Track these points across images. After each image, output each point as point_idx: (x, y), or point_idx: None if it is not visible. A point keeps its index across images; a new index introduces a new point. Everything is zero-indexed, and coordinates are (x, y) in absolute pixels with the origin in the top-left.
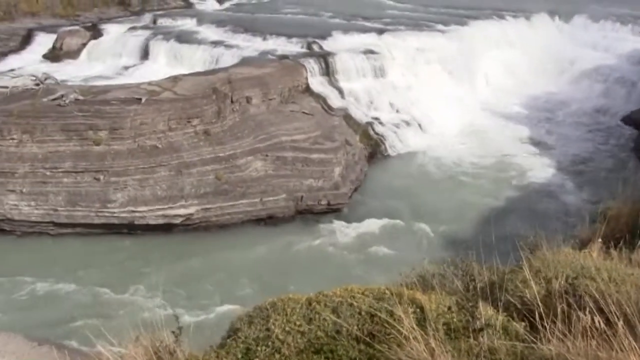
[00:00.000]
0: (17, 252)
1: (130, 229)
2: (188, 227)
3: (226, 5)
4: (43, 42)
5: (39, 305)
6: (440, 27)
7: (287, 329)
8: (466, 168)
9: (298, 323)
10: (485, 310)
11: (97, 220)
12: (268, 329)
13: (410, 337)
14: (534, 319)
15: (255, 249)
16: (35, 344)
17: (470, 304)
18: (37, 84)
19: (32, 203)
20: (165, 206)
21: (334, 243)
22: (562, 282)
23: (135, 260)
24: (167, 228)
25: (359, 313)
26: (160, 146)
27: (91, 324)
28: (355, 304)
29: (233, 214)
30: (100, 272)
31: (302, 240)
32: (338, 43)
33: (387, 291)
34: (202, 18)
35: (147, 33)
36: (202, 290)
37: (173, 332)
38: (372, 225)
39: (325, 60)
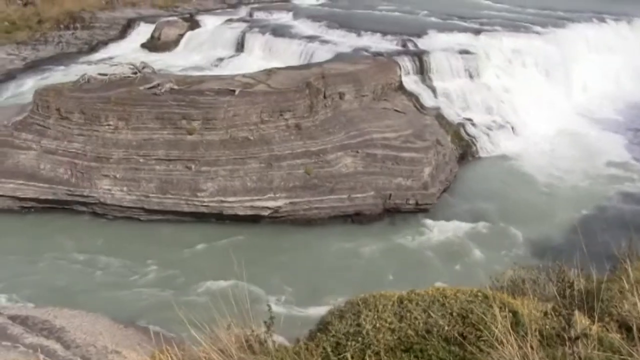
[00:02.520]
0: (108, 235)
1: (218, 218)
2: (275, 219)
3: (322, 0)
4: (142, 31)
5: (127, 288)
6: (537, 28)
7: (377, 325)
8: (558, 173)
9: (389, 320)
10: (580, 319)
11: (186, 209)
12: (359, 325)
13: (504, 341)
14: (631, 330)
15: (342, 245)
16: (122, 326)
17: (566, 311)
18: (135, 73)
19: (125, 188)
20: (254, 198)
21: (421, 243)
22: None
23: (223, 249)
24: (254, 219)
25: (451, 314)
26: (251, 138)
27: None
28: (447, 304)
29: (320, 208)
30: (187, 259)
31: (388, 238)
32: (433, 42)
33: (479, 294)
34: (298, 12)
35: (243, 26)
36: (288, 282)
37: (265, 323)
38: (459, 226)
39: (419, 58)
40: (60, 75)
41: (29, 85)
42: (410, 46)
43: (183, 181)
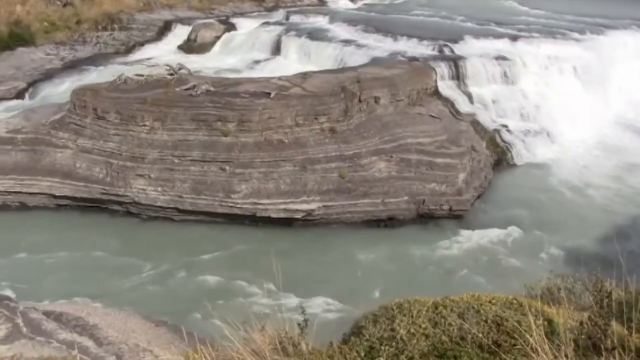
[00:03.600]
0: (141, 235)
1: (251, 220)
2: (308, 222)
3: (359, 4)
4: (179, 33)
5: (159, 287)
6: (575, 35)
7: (412, 330)
8: (594, 181)
9: (423, 326)
10: (617, 330)
11: (220, 210)
12: (393, 329)
13: (538, 350)
14: None
15: (375, 249)
16: (154, 324)
17: (602, 321)
18: (171, 74)
19: (159, 188)
20: (288, 200)
21: (454, 249)
22: None
23: (256, 251)
24: (287, 222)
25: (485, 321)
26: (286, 141)
27: (210, 309)
28: (481, 311)
29: (354, 212)
30: (220, 260)
31: (421, 244)
32: (469, 47)
33: (514, 301)
34: (334, 16)
35: (279, 29)
36: (321, 285)
37: (299, 325)
38: (493, 233)
39: (455, 64)
40: (97, 76)
41: (66, 84)
42: (447, 51)
43: (217, 182)
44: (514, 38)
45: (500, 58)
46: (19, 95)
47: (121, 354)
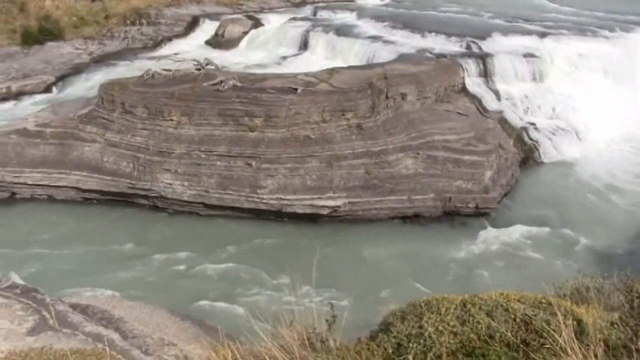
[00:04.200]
0: (167, 229)
1: (277, 215)
2: (334, 218)
3: (387, 0)
4: (206, 28)
5: (185, 281)
6: (605, 32)
7: (440, 328)
8: (623, 180)
9: (451, 323)
10: None
11: (246, 205)
12: (421, 327)
13: (567, 349)
14: None
15: (401, 246)
16: (178, 318)
17: (634, 322)
18: (199, 69)
19: (186, 183)
20: (314, 196)
21: (480, 247)
22: None
23: (282, 246)
24: (313, 218)
25: (514, 319)
26: (313, 137)
27: (237, 304)
28: (510, 309)
29: (380, 209)
30: (247, 255)
31: (447, 241)
32: (497, 44)
33: (543, 300)
34: (361, 12)
35: (306, 24)
36: (348, 282)
37: (327, 321)
38: (520, 231)
39: (483, 61)
40: (125, 70)
41: (94, 79)
42: (474, 48)
43: (243, 178)
44: (543, 35)
45: (529, 55)
46: (48, 89)
47: (146, 347)
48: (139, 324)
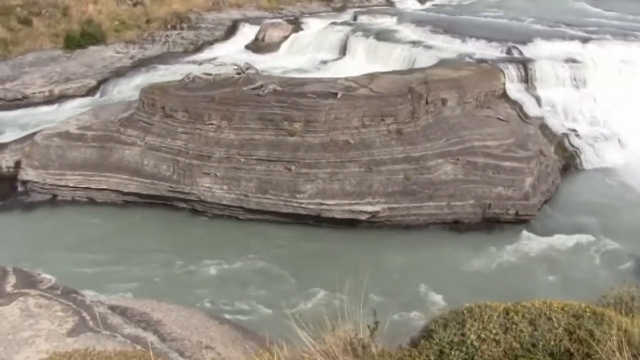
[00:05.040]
0: (206, 232)
1: (316, 220)
2: (373, 224)
3: (427, 5)
4: (246, 33)
5: (223, 285)
6: None
7: (482, 336)
8: None
9: (494, 331)
10: None
11: (284, 209)
12: (463, 334)
13: None
14: None
15: (440, 253)
16: (217, 322)
17: None
18: (239, 73)
19: (225, 187)
20: (353, 201)
21: (521, 254)
22: None
23: (321, 251)
24: (352, 223)
25: (557, 328)
26: (352, 142)
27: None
28: (553, 318)
29: (419, 215)
30: (287, 259)
31: (487, 248)
32: (539, 49)
33: (587, 309)
34: (402, 17)
35: (346, 29)
36: (388, 287)
37: (369, 327)
38: (560, 240)
39: (524, 66)
40: (165, 74)
41: (135, 82)
42: (515, 53)
43: (282, 182)
44: (585, 40)
45: (571, 61)
46: (90, 92)
47: (184, 350)
48: (177, 326)
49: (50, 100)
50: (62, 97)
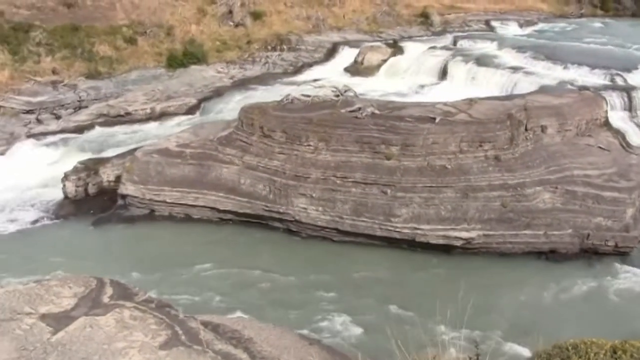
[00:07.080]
0: (300, 253)
1: (409, 244)
2: (467, 250)
3: (528, 30)
4: (346, 55)
5: (316, 305)
6: None
7: None
8: None
9: None
10: None
11: (379, 233)
12: None
13: None
14: None
15: (538, 283)
16: (307, 342)
17: None
18: (337, 95)
19: (320, 208)
20: (448, 227)
21: (621, 288)
22: None
23: (417, 277)
24: (445, 249)
25: None
26: (449, 167)
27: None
28: None
29: (515, 243)
30: (381, 283)
31: (586, 280)
32: None
33: None
34: (502, 42)
35: (446, 53)
36: (486, 317)
37: (470, 358)
38: None
39: (628, 94)
40: (264, 94)
41: (234, 102)
42: (619, 81)
43: (378, 205)
44: None
45: None
46: (190, 111)
47: None
48: (267, 345)
49: (151, 117)
50: (163, 115)
